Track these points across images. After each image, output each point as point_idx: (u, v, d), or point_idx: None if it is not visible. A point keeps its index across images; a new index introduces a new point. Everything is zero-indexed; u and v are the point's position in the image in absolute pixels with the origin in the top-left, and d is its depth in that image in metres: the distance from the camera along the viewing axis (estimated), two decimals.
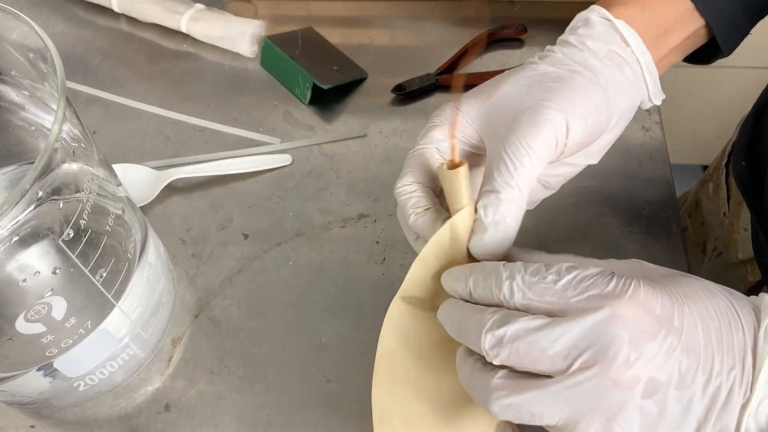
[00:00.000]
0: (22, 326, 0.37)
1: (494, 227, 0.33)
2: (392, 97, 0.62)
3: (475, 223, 0.34)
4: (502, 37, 0.66)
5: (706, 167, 0.77)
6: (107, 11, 0.69)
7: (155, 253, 0.47)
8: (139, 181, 0.56)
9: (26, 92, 0.40)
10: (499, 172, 0.34)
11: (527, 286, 0.30)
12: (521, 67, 0.39)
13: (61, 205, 0.35)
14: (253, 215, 0.55)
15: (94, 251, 0.38)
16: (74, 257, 0.37)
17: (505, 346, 0.30)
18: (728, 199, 0.61)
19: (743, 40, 0.44)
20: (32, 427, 0.46)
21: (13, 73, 0.39)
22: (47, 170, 0.32)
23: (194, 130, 0.60)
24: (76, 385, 0.43)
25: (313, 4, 0.70)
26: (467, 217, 0.34)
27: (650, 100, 0.41)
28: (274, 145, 0.59)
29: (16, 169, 0.43)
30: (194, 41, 0.67)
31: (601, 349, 0.28)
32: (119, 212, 0.41)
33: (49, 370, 0.41)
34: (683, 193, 0.75)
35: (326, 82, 0.60)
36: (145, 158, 0.58)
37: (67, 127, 0.35)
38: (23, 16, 0.35)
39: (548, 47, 0.40)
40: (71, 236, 0.36)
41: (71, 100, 0.36)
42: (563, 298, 0.30)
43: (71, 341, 0.40)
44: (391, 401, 0.37)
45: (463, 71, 0.64)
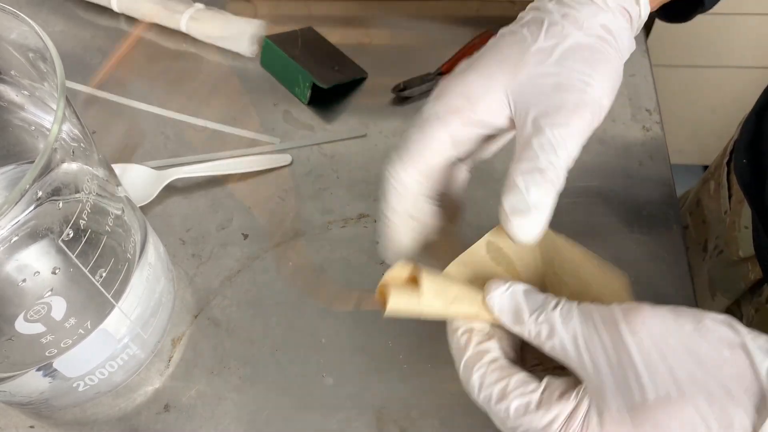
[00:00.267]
0: (21, 326, 0.37)
1: (538, 208, 0.31)
2: (392, 97, 0.62)
3: (509, 203, 0.32)
4: None
5: (706, 167, 0.77)
6: (107, 11, 0.68)
7: (155, 253, 0.47)
8: (138, 181, 0.56)
9: (26, 92, 0.40)
10: (542, 149, 0.31)
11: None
12: (541, 28, 0.36)
13: (60, 205, 0.35)
14: (253, 215, 0.55)
15: (93, 251, 0.38)
16: (74, 257, 0.37)
17: None
18: (729, 197, 0.61)
19: None
20: (32, 427, 0.46)
21: (12, 72, 0.39)
22: (47, 170, 0.32)
23: (194, 130, 0.60)
24: (75, 385, 0.43)
25: (313, 4, 0.70)
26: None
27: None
28: (274, 145, 0.59)
29: (15, 169, 0.43)
30: (194, 41, 0.67)
31: None
32: (119, 212, 0.41)
33: (48, 370, 0.41)
34: (684, 192, 0.75)
35: (326, 81, 0.60)
36: (145, 158, 0.58)
37: (66, 127, 0.35)
38: (23, 15, 0.35)
39: None
40: (71, 236, 0.36)
41: (71, 100, 0.36)
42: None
43: (71, 341, 0.40)
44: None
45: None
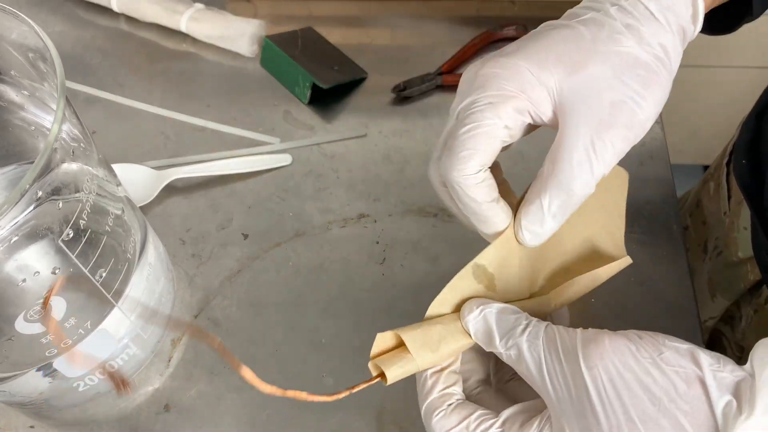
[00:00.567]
0: (21, 326, 0.37)
1: (552, 223, 0.33)
2: (392, 97, 0.62)
3: (528, 206, 0.33)
4: (502, 36, 0.65)
5: (706, 167, 0.77)
6: (107, 11, 0.68)
7: (155, 253, 0.47)
8: (138, 181, 0.55)
9: (26, 92, 0.40)
10: (581, 167, 0.32)
11: None
12: (602, 31, 0.34)
13: (60, 205, 0.35)
14: (252, 215, 0.55)
15: (93, 251, 0.38)
16: (74, 257, 0.37)
17: None
18: (729, 198, 0.60)
19: None
20: (32, 427, 0.46)
21: (12, 72, 0.39)
22: (47, 170, 0.32)
23: (194, 129, 0.60)
24: (75, 385, 0.43)
25: (313, 4, 0.70)
26: None
27: None
28: (273, 144, 0.59)
29: (15, 169, 0.43)
30: (194, 41, 0.67)
31: None
32: (119, 212, 0.41)
33: (48, 370, 0.41)
34: (684, 192, 0.75)
35: (326, 81, 0.60)
36: (144, 158, 0.58)
37: (66, 127, 0.35)
38: (23, 15, 0.35)
39: (624, 2, 0.35)
40: (71, 236, 0.36)
41: (71, 99, 0.36)
42: None
43: (71, 341, 0.40)
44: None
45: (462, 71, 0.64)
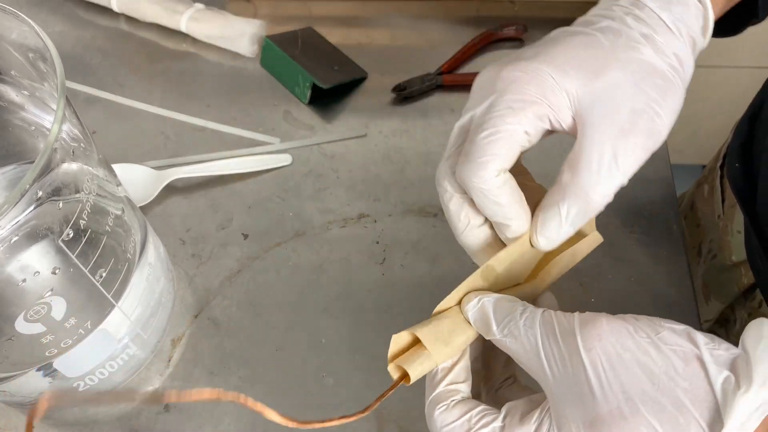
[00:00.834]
0: (21, 326, 0.37)
1: (568, 230, 0.33)
2: (392, 97, 0.62)
3: (546, 212, 0.33)
4: (502, 36, 0.66)
5: None
6: (107, 11, 0.68)
7: (155, 253, 0.47)
8: (138, 181, 0.55)
9: (26, 92, 0.40)
10: (600, 174, 0.32)
11: None
12: (620, 39, 0.34)
13: (60, 205, 0.35)
14: (252, 215, 0.55)
15: (93, 251, 0.38)
16: (74, 257, 0.37)
17: None
18: (723, 201, 0.60)
19: None
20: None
21: (12, 72, 0.39)
22: (47, 170, 0.32)
23: (194, 129, 0.60)
24: (75, 385, 0.43)
25: (313, 4, 0.70)
26: None
27: None
28: (273, 145, 0.59)
29: (15, 169, 0.43)
30: (194, 41, 0.67)
31: None
32: (119, 212, 0.41)
33: (48, 370, 0.41)
34: (679, 195, 0.75)
35: (326, 81, 0.60)
36: (144, 158, 0.58)
37: (66, 127, 0.35)
38: (23, 15, 0.35)
39: (639, 12, 0.35)
40: (71, 236, 0.36)
41: (71, 99, 0.36)
42: None
43: (71, 341, 0.40)
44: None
45: (463, 71, 0.64)
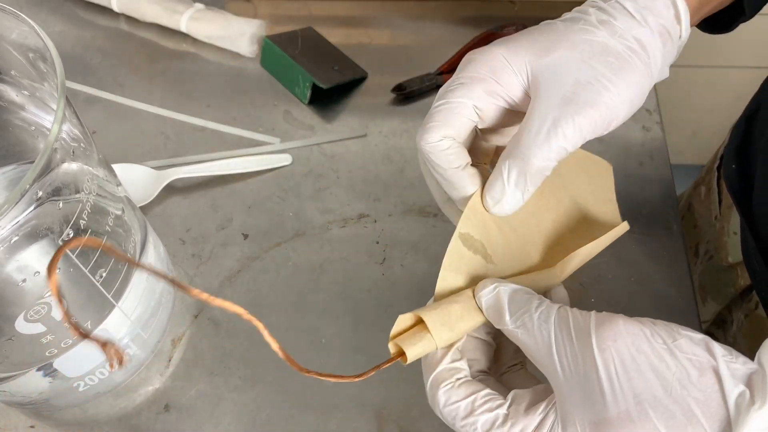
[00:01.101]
0: (21, 326, 0.37)
1: (514, 192, 0.33)
2: (392, 97, 0.62)
3: (490, 186, 0.34)
4: (502, 36, 0.65)
5: None
6: (107, 11, 0.68)
7: (155, 253, 0.47)
8: (138, 181, 0.56)
9: (26, 92, 0.40)
10: (538, 137, 0.33)
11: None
12: (576, 24, 0.36)
13: (60, 205, 0.35)
14: (253, 215, 0.55)
15: (93, 251, 0.38)
16: (74, 257, 0.37)
17: None
18: (719, 202, 0.60)
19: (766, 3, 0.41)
20: (32, 427, 0.46)
21: (12, 72, 0.39)
22: (47, 170, 0.32)
23: (194, 129, 0.60)
24: (75, 385, 0.43)
25: (313, 4, 0.70)
26: None
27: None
28: (273, 144, 0.59)
29: (15, 169, 0.43)
30: (194, 41, 0.67)
31: None
32: (119, 212, 0.41)
33: (48, 370, 0.41)
34: (678, 195, 0.75)
35: (326, 81, 0.60)
36: (144, 158, 0.58)
37: (66, 127, 0.35)
38: (23, 15, 0.35)
39: (604, 4, 0.36)
40: (71, 236, 0.36)
41: (71, 99, 0.36)
42: None
43: (71, 341, 0.40)
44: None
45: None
